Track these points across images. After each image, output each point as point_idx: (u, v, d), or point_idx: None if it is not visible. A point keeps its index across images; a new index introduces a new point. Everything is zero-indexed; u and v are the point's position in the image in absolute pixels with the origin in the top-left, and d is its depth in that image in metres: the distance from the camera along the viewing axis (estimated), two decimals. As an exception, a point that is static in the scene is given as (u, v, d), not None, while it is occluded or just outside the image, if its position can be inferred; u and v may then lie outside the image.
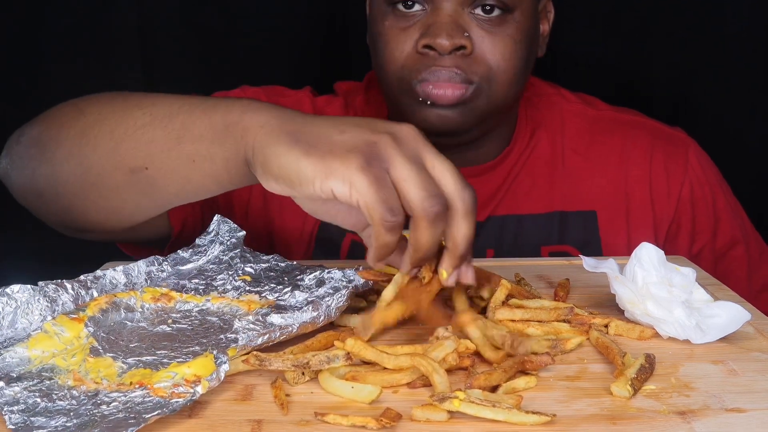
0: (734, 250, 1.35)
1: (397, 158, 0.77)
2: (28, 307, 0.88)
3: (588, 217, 1.32)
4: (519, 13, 1.19)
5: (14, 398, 0.73)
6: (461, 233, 0.80)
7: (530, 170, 1.34)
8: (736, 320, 0.87)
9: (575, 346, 0.85)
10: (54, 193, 1.02)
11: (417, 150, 0.79)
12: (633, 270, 0.92)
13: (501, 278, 0.96)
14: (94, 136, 0.96)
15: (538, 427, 0.69)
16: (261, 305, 0.94)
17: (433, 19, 1.17)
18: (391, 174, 0.78)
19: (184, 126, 0.89)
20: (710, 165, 1.37)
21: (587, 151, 1.35)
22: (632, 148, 1.34)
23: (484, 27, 1.18)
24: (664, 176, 1.33)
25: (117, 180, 0.96)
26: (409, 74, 1.19)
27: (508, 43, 1.19)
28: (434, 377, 0.74)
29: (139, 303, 0.93)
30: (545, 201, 1.32)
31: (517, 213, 1.32)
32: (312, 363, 0.76)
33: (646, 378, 0.78)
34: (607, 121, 1.37)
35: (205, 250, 1.05)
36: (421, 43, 1.17)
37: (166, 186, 0.94)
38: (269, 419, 0.72)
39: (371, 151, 0.77)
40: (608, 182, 1.33)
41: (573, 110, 1.37)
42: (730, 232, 1.34)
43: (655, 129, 1.37)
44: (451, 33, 1.15)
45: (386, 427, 0.69)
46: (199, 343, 0.85)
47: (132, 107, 0.95)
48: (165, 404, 0.71)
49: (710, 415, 0.71)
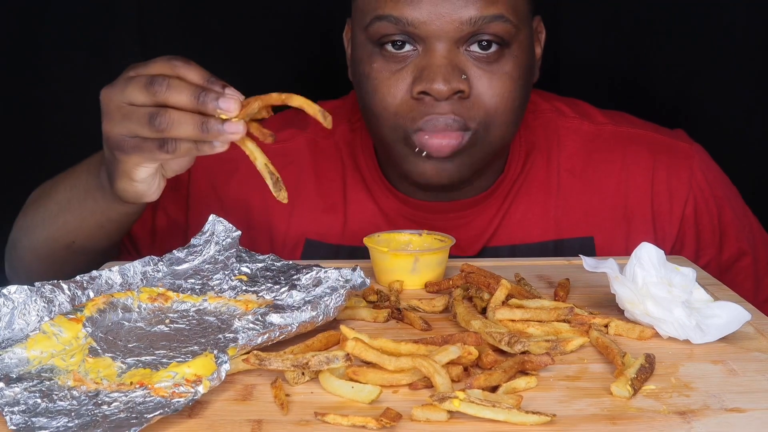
0: (741, 262, 1.30)
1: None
2: (25, 308, 0.88)
3: (585, 243, 1.26)
4: (516, 46, 1.13)
5: (14, 399, 0.73)
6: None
7: (524, 197, 1.28)
8: (736, 320, 0.87)
9: (576, 347, 0.85)
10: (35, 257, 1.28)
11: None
12: (633, 270, 0.92)
13: (501, 278, 0.96)
14: (35, 226, 1.25)
15: (538, 427, 0.69)
16: (258, 305, 0.94)
17: (427, 62, 1.10)
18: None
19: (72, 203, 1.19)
20: (716, 176, 1.31)
21: (584, 171, 1.28)
22: (632, 167, 1.28)
23: (480, 66, 1.11)
24: (667, 195, 1.27)
25: (60, 253, 1.23)
26: (404, 122, 1.13)
27: (506, 81, 1.12)
28: (436, 378, 0.74)
29: (137, 303, 0.93)
30: (540, 229, 1.27)
31: (510, 243, 1.27)
32: (312, 363, 0.75)
33: (646, 378, 0.78)
34: (606, 137, 1.30)
35: (201, 250, 1.05)
36: (417, 90, 1.10)
37: (93, 240, 1.21)
38: (269, 419, 0.71)
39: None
40: (606, 205, 1.27)
41: (569, 127, 1.31)
42: (737, 245, 1.30)
43: (656, 142, 1.30)
44: (447, 77, 1.09)
45: (386, 427, 0.69)
46: (198, 342, 0.85)
47: (48, 199, 1.23)
48: (166, 404, 0.71)
49: (710, 415, 0.71)
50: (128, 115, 0.96)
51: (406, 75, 1.12)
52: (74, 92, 1.77)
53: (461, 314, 0.91)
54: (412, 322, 0.94)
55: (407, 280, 1.07)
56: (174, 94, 0.93)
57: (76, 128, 1.80)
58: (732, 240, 1.30)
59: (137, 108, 0.95)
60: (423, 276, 1.07)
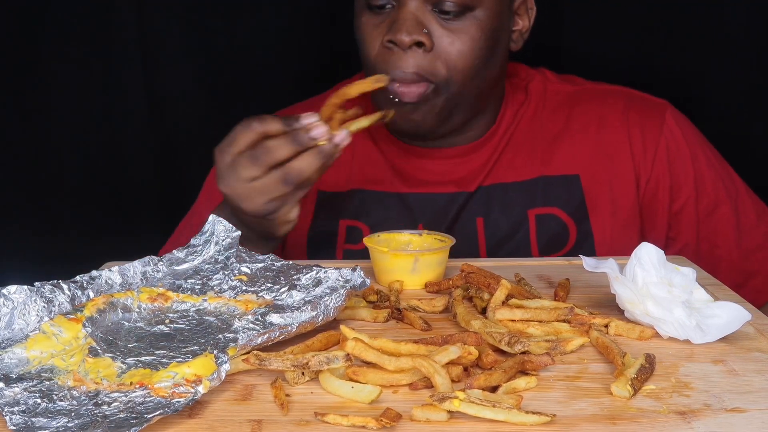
0: (720, 210, 1.38)
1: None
2: (24, 308, 0.88)
3: (572, 180, 1.38)
4: (481, 11, 1.25)
5: (14, 399, 0.73)
6: None
7: (514, 144, 1.40)
8: (736, 320, 0.87)
9: (576, 347, 0.85)
10: None
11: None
12: (633, 270, 0.92)
13: (501, 278, 0.96)
14: None
15: (538, 427, 0.69)
16: (258, 305, 0.94)
17: (396, 15, 1.24)
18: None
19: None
20: (689, 125, 1.41)
21: (567, 120, 1.41)
22: (609, 114, 1.40)
23: (444, 24, 1.24)
24: (640, 136, 1.38)
25: None
26: (380, 69, 1.26)
27: (466, 41, 1.25)
28: (436, 378, 0.74)
29: (136, 303, 0.93)
30: (529, 169, 1.38)
31: (503, 182, 1.38)
32: (312, 363, 0.75)
33: (646, 378, 0.78)
34: (586, 92, 1.43)
35: (201, 250, 1.05)
36: (385, 39, 1.25)
37: None
38: (269, 419, 0.71)
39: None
40: (589, 147, 1.39)
41: (554, 89, 1.44)
42: (714, 192, 1.37)
43: (632, 95, 1.42)
44: (410, 30, 1.22)
45: (386, 427, 0.69)
46: (198, 342, 0.85)
47: None
48: (166, 404, 0.71)
49: (710, 415, 0.71)
50: (260, 189, 1.10)
51: (383, 28, 1.27)
52: (74, 92, 1.77)
53: (461, 314, 0.91)
54: (412, 322, 0.94)
55: (407, 280, 1.07)
56: (277, 153, 1.09)
57: (76, 128, 1.80)
58: (708, 185, 1.37)
59: (261, 179, 1.10)
60: (423, 276, 1.07)
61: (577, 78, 1.47)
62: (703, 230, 1.37)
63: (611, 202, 1.36)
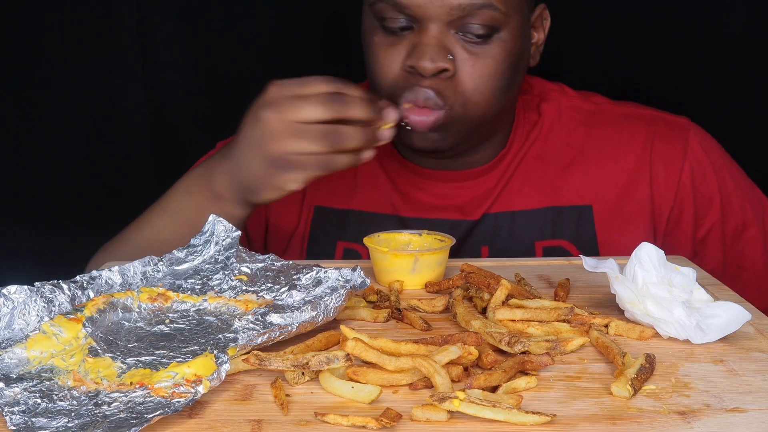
0: (748, 232, 1.33)
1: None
2: (25, 308, 0.88)
3: (583, 211, 1.32)
4: (506, 32, 1.20)
5: (14, 399, 0.73)
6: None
7: (525, 169, 1.34)
8: (736, 320, 0.87)
9: (576, 347, 0.85)
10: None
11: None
12: (633, 270, 0.92)
13: (501, 278, 0.96)
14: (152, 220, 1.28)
15: (538, 427, 0.69)
16: (258, 305, 0.94)
17: (419, 40, 1.18)
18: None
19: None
20: (714, 147, 1.35)
21: (582, 144, 1.35)
22: (629, 139, 1.34)
23: (468, 48, 1.19)
24: (662, 165, 1.32)
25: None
26: (396, 92, 1.21)
27: (490, 64, 1.20)
28: (436, 378, 0.74)
29: (136, 303, 0.93)
30: (538, 197, 1.33)
31: (510, 210, 1.33)
32: (312, 363, 0.75)
33: (646, 378, 0.78)
34: (604, 114, 1.37)
35: (201, 249, 1.05)
36: (407, 64, 1.19)
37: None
38: (269, 419, 0.71)
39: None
40: (603, 176, 1.33)
41: (570, 105, 1.38)
42: (741, 213, 1.32)
43: (653, 118, 1.36)
44: (434, 57, 1.17)
45: (386, 427, 0.69)
46: (198, 342, 0.85)
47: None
48: (166, 404, 0.71)
49: (710, 415, 0.71)
50: (300, 133, 1.06)
51: (401, 49, 1.21)
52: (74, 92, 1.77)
53: (461, 314, 0.91)
54: (412, 322, 0.94)
55: (407, 280, 1.07)
56: (354, 109, 1.08)
57: (75, 128, 1.80)
58: (736, 208, 1.32)
59: (310, 126, 1.06)
60: (423, 276, 1.07)
61: (598, 96, 1.40)
62: (731, 254, 1.33)
63: (624, 235, 1.30)
